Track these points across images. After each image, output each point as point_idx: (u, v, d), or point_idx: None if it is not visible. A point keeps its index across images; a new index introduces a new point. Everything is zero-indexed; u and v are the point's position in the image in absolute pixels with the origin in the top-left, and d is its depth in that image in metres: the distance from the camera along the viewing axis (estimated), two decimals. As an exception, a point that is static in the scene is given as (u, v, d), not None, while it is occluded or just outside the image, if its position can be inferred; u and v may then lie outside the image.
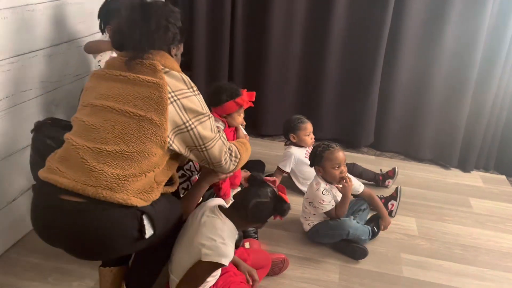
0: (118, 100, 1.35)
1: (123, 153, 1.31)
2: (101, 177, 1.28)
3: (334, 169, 2.04)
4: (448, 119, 2.94)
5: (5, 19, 1.74)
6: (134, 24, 1.42)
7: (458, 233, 2.32)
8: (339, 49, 2.98)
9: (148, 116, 1.33)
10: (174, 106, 1.36)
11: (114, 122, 1.34)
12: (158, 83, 1.34)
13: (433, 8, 2.74)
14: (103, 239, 1.31)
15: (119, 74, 1.39)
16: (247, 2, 3.01)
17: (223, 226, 1.52)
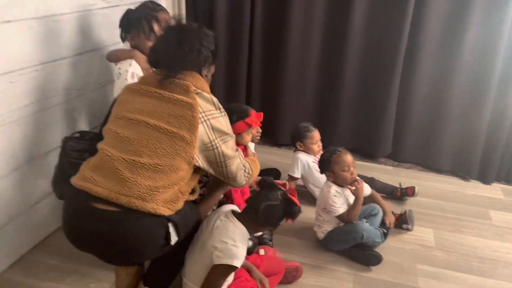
0: (152, 116, 1.44)
1: (156, 166, 1.39)
2: (134, 187, 1.36)
3: (344, 171, 2.08)
4: (467, 129, 2.90)
5: (31, 28, 1.82)
6: (169, 45, 1.51)
7: (476, 245, 2.28)
8: (357, 59, 2.99)
9: (180, 134, 1.41)
10: (204, 126, 1.45)
11: (148, 136, 1.42)
12: (191, 104, 1.44)
13: (451, 18, 2.72)
14: (133, 246, 1.38)
15: (154, 91, 1.48)
16: (265, 14, 3.05)
17: (235, 229, 1.56)
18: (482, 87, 2.77)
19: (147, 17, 1.99)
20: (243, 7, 3.01)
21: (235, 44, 3.13)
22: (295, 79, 3.12)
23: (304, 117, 3.12)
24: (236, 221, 1.59)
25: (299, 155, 2.53)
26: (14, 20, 1.73)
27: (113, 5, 2.34)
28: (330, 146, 2.21)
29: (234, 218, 1.60)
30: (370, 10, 2.87)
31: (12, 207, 1.89)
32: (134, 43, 2.04)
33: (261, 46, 3.14)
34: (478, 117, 2.83)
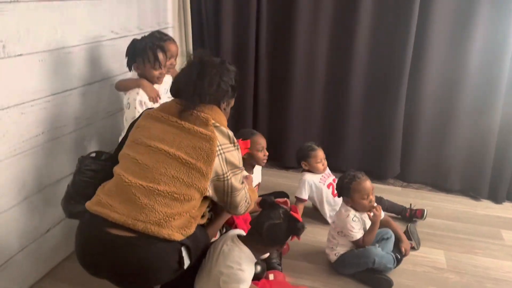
0: (172, 145, 1.49)
1: (172, 194, 1.44)
2: (151, 214, 1.40)
3: (363, 199, 2.05)
4: (476, 148, 2.89)
5: (42, 61, 1.88)
6: (190, 79, 1.57)
7: (489, 266, 2.24)
8: (362, 80, 3.01)
9: (198, 165, 1.46)
10: (219, 159, 1.50)
11: (167, 165, 1.46)
12: (210, 137, 1.49)
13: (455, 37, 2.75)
14: (147, 271, 1.42)
15: (175, 120, 1.53)
16: (270, 39, 3.11)
17: (240, 253, 1.57)
18: (489, 106, 2.77)
19: (152, 47, 2.04)
20: (248, 35, 3.07)
21: (241, 68, 3.17)
22: (301, 102, 3.14)
23: (311, 140, 3.13)
24: (242, 245, 1.61)
25: (306, 176, 2.53)
26: (25, 54, 1.78)
27: (121, 36, 2.40)
28: (349, 170, 2.17)
29: (240, 242, 1.62)
30: (374, 34, 2.91)
31: (23, 236, 1.91)
32: (140, 71, 2.09)
33: (266, 70, 3.19)
34: (486, 136, 2.82)
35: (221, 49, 3.13)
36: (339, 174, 3.06)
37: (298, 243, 2.33)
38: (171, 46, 2.28)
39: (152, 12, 2.73)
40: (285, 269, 2.11)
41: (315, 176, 2.54)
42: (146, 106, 2.04)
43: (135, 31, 2.53)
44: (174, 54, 2.33)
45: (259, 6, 3.02)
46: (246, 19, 3.05)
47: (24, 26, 1.76)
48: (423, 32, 2.78)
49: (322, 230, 2.47)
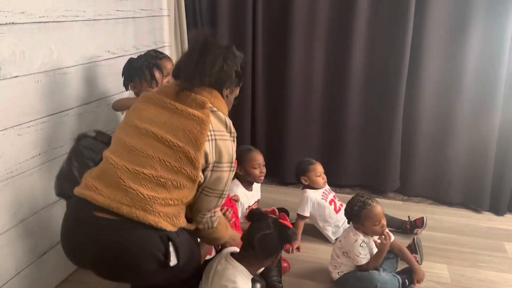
0: (162, 128, 1.41)
1: (159, 178, 1.37)
2: (136, 198, 1.33)
3: (375, 226, 1.99)
4: (476, 160, 2.87)
5: (38, 82, 1.87)
6: (192, 57, 1.50)
7: (494, 280, 2.21)
8: (359, 94, 3.02)
9: (185, 149, 1.38)
10: (210, 145, 1.42)
11: (154, 148, 1.39)
12: (202, 119, 1.41)
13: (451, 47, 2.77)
14: (130, 257, 1.35)
15: (169, 102, 1.45)
16: (266, 51, 3.12)
17: (234, 271, 1.56)
18: (487, 117, 2.77)
19: (149, 65, 2.04)
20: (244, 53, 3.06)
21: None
22: (299, 117, 3.14)
23: (310, 155, 3.11)
24: (235, 263, 1.58)
25: (308, 193, 2.50)
26: (21, 75, 1.78)
27: (118, 55, 2.41)
28: (359, 194, 2.08)
29: (233, 260, 1.59)
30: (370, 47, 2.93)
31: (19, 260, 1.87)
32: (137, 91, 2.08)
33: (264, 86, 3.20)
34: (485, 147, 2.82)
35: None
36: (338, 189, 3.09)
37: (299, 261, 2.31)
38: (167, 64, 2.28)
39: (149, 31, 2.75)
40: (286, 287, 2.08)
41: (316, 193, 2.51)
42: None
43: (132, 50, 2.53)
44: (170, 72, 2.33)
45: (255, 25, 3.05)
46: (242, 38, 3.07)
47: (20, 47, 1.76)
48: (419, 44, 2.79)
49: (323, 247, 2.44)
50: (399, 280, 2.02)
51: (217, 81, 1.50)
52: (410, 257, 2.14)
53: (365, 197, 2.03)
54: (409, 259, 2.13)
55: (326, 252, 2.27)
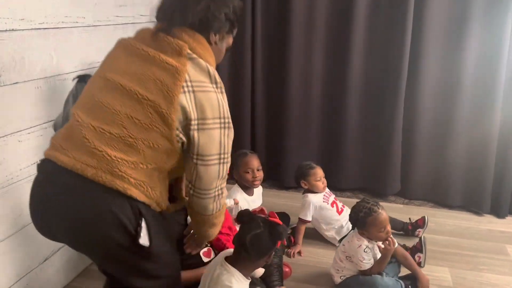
0: (132, 79, 1.23)
1: (126, 138, 1.20)
2: (103, 160, 1.18)
3: (380, 232, 1.98)
4: (476, 162, 2.87)
5: (38, 88, 1.88)
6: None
7: (495, 283, 2.21)
8: (358, 97, 3.02)
9: (156, 102, 1.19)
10: (186, 97, 1.21)
11: (122, 103, 1.21)
12: (176, 68, 1.21)
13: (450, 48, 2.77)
14: (97, 224, 1.19)
15: (141, 48, 1.26)
16: (266, 59, 3.13)
17: (229, 276, 1.54)
18: (487, 118, 2.77)
19: None
20: (244, 54, 3.10)
21: (237, 88, 3.20)
22: (299, 121, 3.15)
23: (310, 159, 3.12)
24: (229, 267, 1.57)
25: (309, 197, 2.49)
26: (21, 82, 1.78)
27: (117, 60, 2.41)
28: (364, 200, 2.05)
29: (227, 265, 1.58)
30: (369, 45, 2.94)
31: (20, 266, 1.87)
32: None
33: (263, 90, 3.20)
34: (486, 149, 2.82)
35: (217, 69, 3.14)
36: (339, 193, 3.09)
37: (300, 265, 2.31)
38: None
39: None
40: (288, 292, 2.07)
41: (318, 196, 2.51)
42: None
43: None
44: None
45: (254, 28, 3.05)
46: (242, 41, 3.07)
47: (20, 54, 1.76)
48: (417, 47, 2.79)
49: (325, 251, 2.44)
50: (402, 285, 2.01)
51: (202, 22, 1.30)
52: (414, 265, 2.12)
53: (370, 204, 2.00)
54: (413, 266, 2.11)
55: (327, 256, 2.27)
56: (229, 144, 1.32)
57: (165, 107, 1.19)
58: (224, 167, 1.31)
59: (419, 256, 2.29)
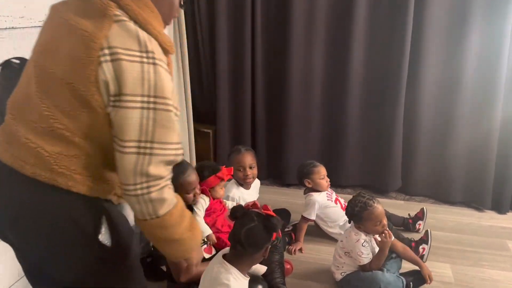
0: (53, 58, 1.03)
1: (59, 130, 1.03)
2: (39, 155, 1.03)
3: (376, 226, 1.99)
4: (477, 158, 2.86)
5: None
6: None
7: (497, 278, 2.21)
8: (359, 93, 3.01)
9: (75, 84, 0.99)
10: (104, 69, 0.97)
11: (47, 91, 1.03)
12: (91, 35, 0.97)
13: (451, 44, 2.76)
14: (49, 231, 1.05)
15: (62, 16, 1.05)
16: (266, 57, 3.12)
17: (227, 274, 1.54)
18: (488, 114, 2.76)
19: None
20: (244, 53, 3.09)
21: (238, 87, 3.19)
22: (300, 118, 3.14)
23: (311, 156, 3.13)
24: (227, 265, 1.56)
25: (314, 196, 2.48)
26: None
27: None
28: (360, 194, 2.06)
29: (225, 262, 1.58)
30: (370, 43, 2.93)
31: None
32: None
33: (263, 88, 3.20)
34: (487, 145, 2.81)
35: (217, 68, 3.15)
36: (340, 190, 3.09)
37: (302, 262, 2.31)
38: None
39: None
40: (289, 289, 2.08)
41: (322, 195, 2.50)
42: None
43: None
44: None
45: (254, 26, 3.04)
46: (241, 38, 3.07)
47: (20, 52, 1.75)
48: (418, 44, 2.78)
49: (326, 248, 2.44)
50: (403, 282, 2.01)
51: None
52: (414, 256, 2.12)
53: (366, 197, 2.02)
54: (413, 258, 2.11)
55: (328, 253, 2.27)
56: (157, 132, 1.01)
57: (83, 87, 0.99)
58: (145, 161, 1.01)
59: (423, 248, 2.28)
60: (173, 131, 1.05)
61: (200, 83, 3.40)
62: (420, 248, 2.31)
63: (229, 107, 3.26)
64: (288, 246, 2.45)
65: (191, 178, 1.96)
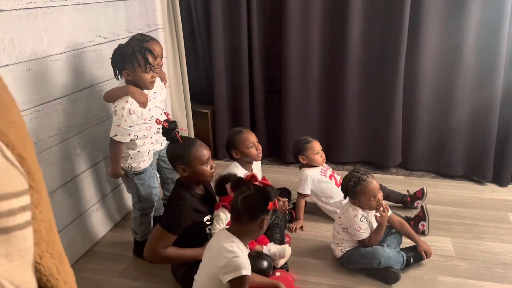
0: None
1: None
2: None
3: (370, 201, 1.99)
4: (478, 131, 2.84)
5: (29, 70, 1.84)
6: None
7: (498, 251, 2.21)
8: (358, 69, 2.97)
9: None
10: None
11: None
12: None
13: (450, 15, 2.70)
14: None
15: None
16: (262, 34, 3.07)
17: (230, 243, 1.58)
18: (489, 87, 2.72)
19: (141, 50, 1.92)
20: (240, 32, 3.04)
21: (235, 67, 3.15)
22: (298, 97, 3.10)
23: (310, 134, 3.09)
24: (230, 235, 1.60)
25: (306, 171, 2.49)
26: (11, 64, 1.75)
27: (110, 40, 2.36)
28: (355, 169, 2.05)
29: (228, 233, 1.62)
30: (367, 19, 2.86)
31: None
32: (131, 78, 1.96)
33: (261, 67, 3.15)
34: (488, 118, 2.77)
35: (213, 47, 3.10)
36: (340, 166, 3.08)
37: (302, 239, 2.32)
38: (155, 46, 2.19)
39: (141, 14, 2.69)
40: (291, 266, 2.08)
41: (315, 170, 2.50)
42: (136, 114, 1.96)
43: (124, 34, 2.49)
44: (160, 54, 2.25)
45: (249, 3, 2.98)
46: (237, 16, 3.01)
47: (9, 35, 1.72)
48: (417, 14, 2.72)
49: (326, 225, 2.44)
50: (404, 257, 2.01)
51: None
52: (411, 231, 2.12)
53: (360, 173, 2.01)
54: (410, 233, 2.11)
55: (328, 230, 2.27)
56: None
57: None
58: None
59: (423, 225, 2.29)
60: None
61: (197, 63, 3.36)
62: (419, 226, 2.31)
63: (226, 86, 3.22)
64: (289, 224, 2.45)
65: (203, 148, 1.89)
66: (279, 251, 1.99)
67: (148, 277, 2.10)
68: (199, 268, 1.67)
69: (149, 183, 2.16)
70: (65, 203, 2.13)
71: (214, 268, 1.56)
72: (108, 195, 2.48)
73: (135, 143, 2.05)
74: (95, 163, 2.33)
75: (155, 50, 2.12)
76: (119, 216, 2.59)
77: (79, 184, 2.22)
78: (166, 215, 1.95)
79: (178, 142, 1.87)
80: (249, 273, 1.53)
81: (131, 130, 1.99)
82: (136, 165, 2.09)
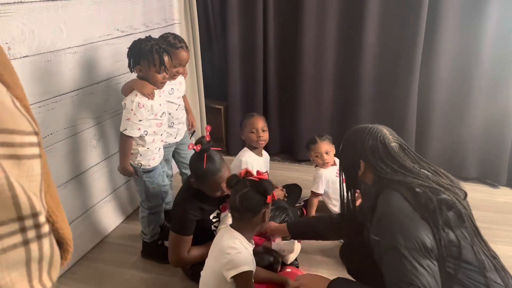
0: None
1: None
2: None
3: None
4: (492, 133, 2.81)
5: (49, 61, 1.87)
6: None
7: (510, 255, 2.18)
8: (373, 69, 2.96)
9: None
10: None
11: None
12: None
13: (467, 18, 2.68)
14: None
15: None
16: (278, 30, 3.07)
17: (233, 239, 1.59)
18: (504, 90, 2.69)
19: (159, 49, 1.90)
20: (256, 28, 3.04)
21: (250, 63, 3.16)
22: (312, 94, 3.10)
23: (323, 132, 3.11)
24: (233, 231, 1.61)
25: (321, 171, 2.48)
26: (31, 55, 1.78)
27: (127, 33, 2.39)
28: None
29: (231, 229, 1.62)
30: (383, 19, 2.85)
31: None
32: (143, 74, 1.95)
33: (275, 64, 3.16)
34: (502, 120, 2.75)
35: (229, 42, 3.11)
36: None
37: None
38: (183, 54, 2.17)
39: (158, 9, 2.71)
40: (301, 263, 2.09)
41: (330, 170, 2.49)
42: (146, 108, 1.94)
43: (141, 28, 2.51)
44: (183, 63, 2.21)
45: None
46: (253, 12, 3.02)
47: (29, 27, 1.75)
48: (434, 16, 2.69)
49: (337, 223, 2.44)
50: None
51: None
52: None
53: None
54: None
55: (339, 228, 2.26)
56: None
57: None
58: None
59: None
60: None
61: (211, 58, 3.37)
62: None
63: (240, 82, 3.23)
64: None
65: (226, 175, 1.83)
66: (287, 246, 1.99)
67: (159, 270, 2.13)
68: (205, 264, 1.68)
69: (158, 181, 2.13)
70: (78, 193, 2.17)
71: (218, 264, 1.57)
72: (121, 187, 2.51)
73: (145, 140, 2.01)
74: (109, 155, 2.36)
75: (180, 59, 2.12)
76: (131, 208, 2.62)
77: (93, 175, 2.26)
78: (173, 219, 1.96)
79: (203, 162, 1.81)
80: (251, 269, 1.53)
81: (140, 124, 1.95)
82: (145, 163, 2.05)
